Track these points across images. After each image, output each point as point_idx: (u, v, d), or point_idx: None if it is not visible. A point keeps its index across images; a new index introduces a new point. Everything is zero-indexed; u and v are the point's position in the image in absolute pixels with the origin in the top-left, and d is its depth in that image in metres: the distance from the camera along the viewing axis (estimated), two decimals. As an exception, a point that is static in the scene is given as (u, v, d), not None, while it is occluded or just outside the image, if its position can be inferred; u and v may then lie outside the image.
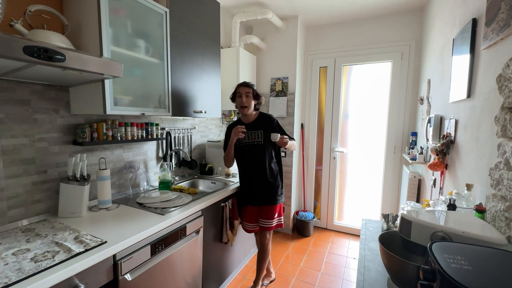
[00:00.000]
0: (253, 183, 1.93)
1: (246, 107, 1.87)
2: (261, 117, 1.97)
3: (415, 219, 0.83)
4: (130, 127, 1.69)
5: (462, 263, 0.55)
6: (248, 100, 1.87)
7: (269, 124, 1.92)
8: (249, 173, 1.95)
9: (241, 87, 1.88)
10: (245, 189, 1.99)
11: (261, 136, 1.89)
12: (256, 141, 1.89)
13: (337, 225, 3.27)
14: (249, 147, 1.90)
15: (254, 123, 1.94)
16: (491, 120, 1.05)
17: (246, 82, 1.91)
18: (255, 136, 1.90)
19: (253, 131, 1.91)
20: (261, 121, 1.94)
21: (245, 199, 2.00)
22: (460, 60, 1.43)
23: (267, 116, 1.96)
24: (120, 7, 1.37)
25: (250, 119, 1.95)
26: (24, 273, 0.87)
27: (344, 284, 2.23)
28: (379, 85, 2.95)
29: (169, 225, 1.40)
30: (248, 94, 1.86)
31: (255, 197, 1.94)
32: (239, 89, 1.88)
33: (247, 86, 1.88)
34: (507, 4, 0.94)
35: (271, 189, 1.93)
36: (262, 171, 1.90)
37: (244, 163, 1.97)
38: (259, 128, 1.91)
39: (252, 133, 1.91)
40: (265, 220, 1.95)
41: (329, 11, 2.73)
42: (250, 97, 1.87)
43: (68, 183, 1.36)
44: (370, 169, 3.12)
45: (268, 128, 1.89)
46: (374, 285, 0.90)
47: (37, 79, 1.25)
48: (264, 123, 1.92)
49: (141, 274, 1.24)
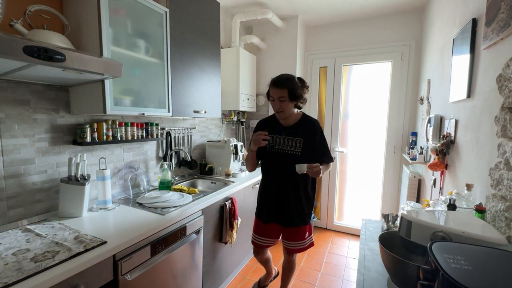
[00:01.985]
0: (282, 201, 1.60)
1: (280, 112, 1.53)
2: (303, 121, 1.60)
3: (415, 219, 0.83)
4: (130, 127, 1.69)
5: (462, 263, 0.55)
6: (283, 105, 1.49)
7: (311, 133, 1.56)
8: (277, 186, 1.60)
9: (272, 88, 1.50)
10: (269, 205, 1.65)
11: (299, 146, 1.54)
12: (292, 150, 1.54)
13: (337, 225, 3.27)
14: (282, 155, 1.55)
15: (294, 127, 1.58)
16: (491, 120, 1.05)
17: (279, 81, 1.47)
18: (292, 144, 1.55)
19: (291, 138, 1.56)
20: (303, 127, 1.57)
21: (268, 216, 1.66)
22: (460, 60, 1.43)
23: (312, 123, 1.59)
24: (120, 7, 1.37)
25: (290, 121, 1.59)
26: (24, 273, 0.87)
27: (344, 284, 2.23)
28: (379, 85, 2.95)
29: (169, 225, 1.40)
30: (282, 99, 1.47)
31: (282, 217, 1.63)
32: (271, 91, 1.51)
33: (280, 87, 1.46)
34: (507, 4, 0.94)
35: (304, 209, 1.61)
36: (295, 188, 1.57)
37: (273, 173, 1.62)
38: (298, 135, 1.55)
39: (289, 140, 1.56)
40: (294, 242, 1.67)
41: (329, 11, 2.73)
42: (286, 101, 1.48)
43: (68, 183, 1.36)
44: (370, 169, 3.12)
45: (308, 138, 1.55)
46: (374, 285, 0.90)
47: (37, 79, 1.25)
48: (305, 130, 1.56)
49: (141, 274, 1.24)
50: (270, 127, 1.63)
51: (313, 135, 1.56)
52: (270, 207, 1.64)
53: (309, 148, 1.54)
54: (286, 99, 1.47)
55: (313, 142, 1.55)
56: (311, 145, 1.55)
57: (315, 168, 1.44)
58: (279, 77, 1.49)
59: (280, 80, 1.47)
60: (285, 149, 1.56)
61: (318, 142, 1.56)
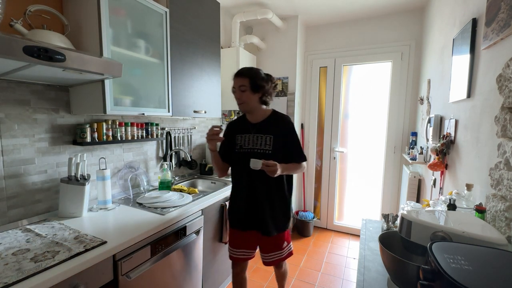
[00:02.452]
0: (253, 205, 1.47)
1: (242, 103, 1.42)
2: (273, 117, 1.49)
3: (415, 219, 0.83)
4: (130, 127, 1.69)
5: (462, 263, 0.55)
6: (244, 96, 1.39)
7: (281, 130, 1.44)
8: (249, 190, 1.46)
9: (234, 78, 1.43)
10: (240, 211, 1.50)
11: (270, 143, 1.42)
12: (261, 148, 1.42)
13: (337, 225, 3.27)
14: (252, 155, 1.38)
15: (263, 124, 1.46)
16: (491, 120, 1.05)
17: (242, 70, 1.42)
18: (262, 141, 1.43)
19: (260, 135, 1.44)
20: (273, 123, 1.46)
21: (239, 222, 1.52)
22: (460, 60, 1.43)
23: (282, 118, 1.49)
24: (120, 7, 1.37)
25: (258, 118, 1.48)
26: (24, 273, 0.87)
27: (344, 284, 2.23)
28: (379, 85, 2.95)
29: (169, 225, 1.40)
30: (243, 88, 1.38)
31: (259, 224, 1.47)
32: (233, 81, 1.44)
33: (241, 75, 1.40)
34: (507, 4, 0.94)
35: (279, 214, 1.48)
36: (267, 190, 1.44)
37: (244, 176, 1.46)
38: (268, 132, 1.43)
39: (258, 138, 1.44)
40: (271, 253, 1.52)
41: (329, 11, 2.73)
42: (248, 91, 1.38)
43: (68, 183, 1.36)
44: (370, 169, 3.12)
45: (279, 135, 1.43)
46: (374, 285, 0.90)
47: (37, 79, 1.25)
48: (275, 127, 1.44)
49: (141, 274, 1.24)
50: (239, 126, 1.52)
51: (283, 131, 1.44)
52: (246, 212, 1.48)
53: (280, 146, 1.42)
54: (247, 89, 1.38)
55: (284, 139, 1.43)
56: (282, 143, 1.42)
57: (270, 167, 1.30)
58: (242, 68, 1.44)
59: (241, 69, 1.42)
60: (255, 148, 1.43)
61: (289, 139, 1.44)
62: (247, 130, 1.48)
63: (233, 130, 1.53)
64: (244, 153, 1.45)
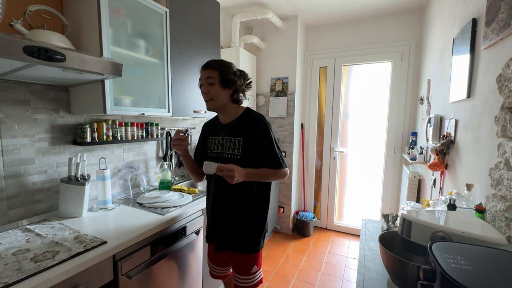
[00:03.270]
0: (219, 215, 1.29)
1: (209, 100, 1.22)
2: (245, 116, 1.28)
3: (415, 219, 0.83)
4: (130, 127, 1.69)
5: (462, 263, 0.55)
6: (212, 90, 1.20)
7: (252, 131, 1.22)
8: (217, 200, 1.29)
9: (201, 70, 1.24)
10: (209, 223, 1.36)
11: (239, 147, 1.22)
12: (229, 153, 1.23)
13: (337, 225, 3.27)
14: (217, 160, 1.22)
15: (233, 125, 1.27)
16: (491, 120, 1.05)
17: (210, 61, 1.23)
18: (230, 145, 1.24)
19: (229, 138, 1.25)
20: (243, 123, 1.25)
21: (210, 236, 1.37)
22: (460, 60, 1.43)
23: (255, 118, 1.26)
24: (120, 7, 1.37)
25: (228, 118, 1.28)
26: (24, 273, 0.87)
27: (344, 284, 2.23)
28: (379, 85, 2.95)
29: (169, 225, 1.40)
30: (211, 81, 1.19)
31: (221, 236, 1.30)
32: (200, 74, 1.24)
33: (209, 67, 1.20)
34: (507, 4, 0.94)
35: (245, 228, 1.26)
36: (233, 199, 1.25)
37: (211, 183, 1.32)
38: (237, 134, 1.23)
39: (227, 140, 1.25)
40: (238, 276, 1.32)
41: (329, 11, 2.73)
42: (216, 85, 1.19)
43: (68, 183, 1.36)
44: (370, 169, 3.12)
45: (249, 137, 1.22)
46: (374, 285, 0.90)
47: (37, 79, 1.25)
48: (245, 128, 1.24)
49: (141, 274, 1.24)
50: (211, 127, 1.37)
51: (254, 133, 1.21)
52: (213, 226, 1.34)
53: (251, 150, 1.21)
54: (216, 83, 1.18)
55: (255, 142, 1.21)
56: (253, 146, 1.21)
57: (227, 171, 1.09)
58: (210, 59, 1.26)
59: (210, 61, 1.23)
60: (223, 152, 1.25)
61: (260, 142, 1.21)
62: (217, 131, 1.31)
63: (207, 131, 1.39)
64: (213, 157, 1.28)
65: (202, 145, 1.40)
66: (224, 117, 1.30)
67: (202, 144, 1.40)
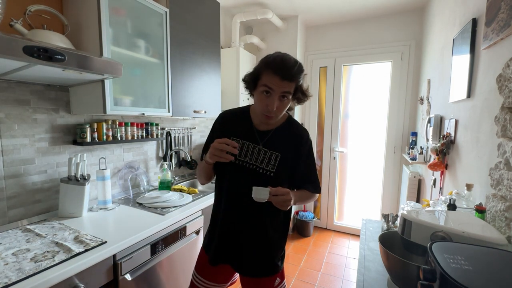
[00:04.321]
0: (240, 238, 1.07)
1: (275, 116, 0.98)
2: (287, 127, 1.07)
3: (415, 219, 0.83)
4: (130, 127, 1.69)
5: (462, 263, 0.55)
6: (282, 106, 0.96)
7: (295, 148, 1.05)
8: (237, 215, 1.06)
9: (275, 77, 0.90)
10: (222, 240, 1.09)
11: (274, 163, 1.02)
12: (262, 168, 1.02)
13: (337, 225, 3.27)
14: (251, 173, 1.03)
15: (274, 136, 1.05)
16: (491, 120, 1.05)
17: (289, 69, 0.90)
18: (265, 158, 1.03)
19: (265, 150, 1.03)
20: (286, 136, 1.05)
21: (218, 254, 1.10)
22: (460, 60, 1.43)
23: (300, 132, 1.08)
24: (120, 7, 1.37)
25: (271, 124, 1.06)
26: (24, 273, 0.87)
27: (344, 284, 2.23)
28: (379, 85, 2.95)
29: (169, 225, 1.40)
30: (286, 95, 0.94)
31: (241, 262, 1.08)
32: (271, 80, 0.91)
33: (289, 79, 0.91)
34: (507, 4, 0.94)
35: (271, 254, 1.08)
36: (261, 222, 1.05)
37: (233, 195, 1.07)
38: (276, 148, 1.03)
39: (262, 152, 1.03)
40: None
41: (329, 11, 2.73)
42: (288, 101, 0.96)
43: (68, 183, 1.36)
44: (370, 169, 3.12)
45: (289, 154, 1.04)
46: (374, 285, 0.90)
47: (37, 79, 1.25)
48: (288, 142, 1.05)
49: (141, 274, 1.24)
50: (240, 126, 1.08)
51: (297, 150, 1.05)
52: (222, 242, 1.09)
53: (286, 168, 1.04)
54: (289, 98, 0.95)
55: (295, 161, 1.05)
56: (290, 164, 1.04)
57: (282, 196, 0.91)
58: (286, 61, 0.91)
59: (290, 68, 0.90)
60: (257, 165, 1.03)
61: (303, 161, 1.06)
62: (253, 137, 1.05)
63: (229, 128, 1.09)
64: (243, 167, 1.04)
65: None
66: (266, 123, 1.04)
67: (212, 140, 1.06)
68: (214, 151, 0.94)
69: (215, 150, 0.94)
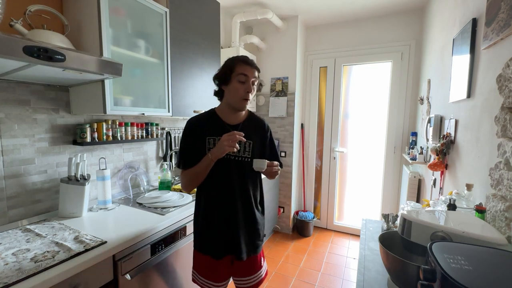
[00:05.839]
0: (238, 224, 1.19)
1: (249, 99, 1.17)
2: (251, 119, 1.27)
3: (415, 219, 0.83)
4: (130, 127, 1.69)
5: (462, 263, 0.55)
6: (253, 90, 1.18)
7: (261, 135, 1.26)
8: (231, 205, 1.18)
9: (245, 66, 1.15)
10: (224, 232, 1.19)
11: (249, 149, 1.20)
12: (241, 156, 1.20)
13: (337, 225, 3.27)
14: (239, 164, 1.19)
15: (243, 127, 1.22)
16: (491, 120, 1.05)
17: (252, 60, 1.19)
18: (242, 147, 1.20)
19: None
20: (252, 126, 1.25)
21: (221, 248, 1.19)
22: (460, 60, 1.43)
23: (260, 121, 1.30)
24: (120, 7, 1.37)
25: (238, 119, 1.23)
26: (24, 273, 0.87)
27: (344, 284, 2.23)
28: (379, 85, 2.95)
29: (169, 225, 1.40)
30: (254, 81, 1.17)
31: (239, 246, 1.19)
32: (244, 69, 1.14)
33: (254, 67, 1.18)
34: (507, 4, 0.94)
35: (258, 231, 1.26)
36: (248, 204, 1.22)
37: (225, 188, 1.18)
38: (247, 137, 1.15)
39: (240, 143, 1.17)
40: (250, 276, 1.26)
41: (329, 11, 2.73)
42: (255, 86, 1.19)
43: (68, 183, 1.36)
44: (370, 169, 3.12)
45: (258, 140, 1.24)
46: (374, 285, 0.90)
47: (37, 79, 1.25)
48: (255, 131, 1.24)
49: (141, 274, 1.24)
50: (212, 126, 1.19)
51: (263, 137, 1.27)
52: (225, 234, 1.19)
53: (258, 152, 1.23)
54: (256, 84, 1.19)
55: (263, 146, 1.26)
56: (260, 149, 1.25)
57: (274, 169, 1.18)
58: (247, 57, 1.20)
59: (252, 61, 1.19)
60: (241, 155, 1.19)
61: (268, 144, 1.29)
62: (228, 131, 1.14)
63: (201, 131, 1.18)
64: (232, 160, 1.18)
65: (196, 147, 1.17)
66: (233, 117, 1.21)
67: (193, 147, 1.17)
68: (228, 143, 1.08)
69: (228, 142, 1.08)
